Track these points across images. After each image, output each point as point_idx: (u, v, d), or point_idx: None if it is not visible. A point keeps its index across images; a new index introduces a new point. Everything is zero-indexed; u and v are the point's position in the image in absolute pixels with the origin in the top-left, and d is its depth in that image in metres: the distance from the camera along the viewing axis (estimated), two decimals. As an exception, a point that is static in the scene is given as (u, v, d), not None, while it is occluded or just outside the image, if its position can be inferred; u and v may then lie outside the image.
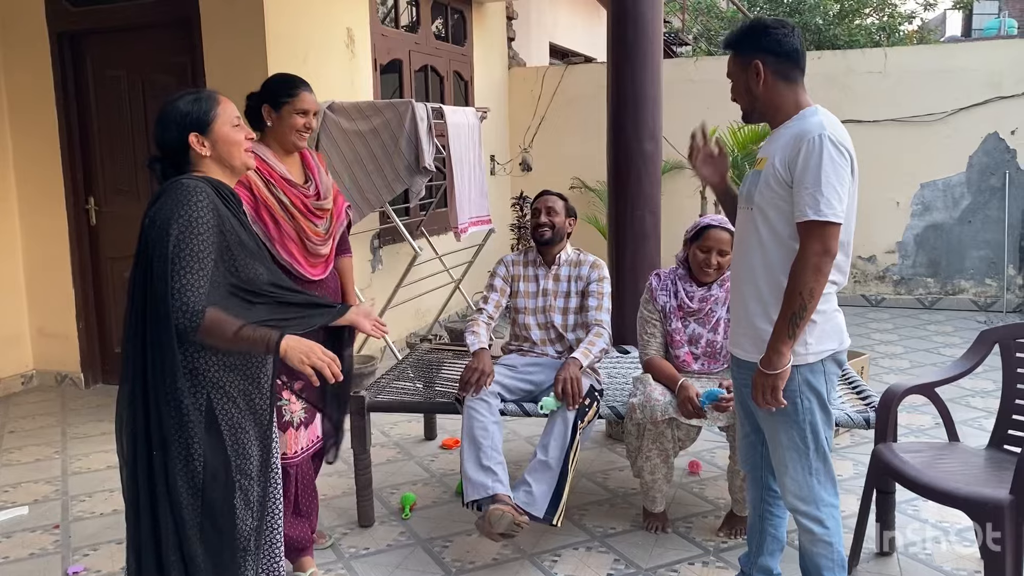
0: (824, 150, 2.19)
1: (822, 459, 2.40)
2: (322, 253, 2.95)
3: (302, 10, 5.06)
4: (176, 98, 2.13)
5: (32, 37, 5.22)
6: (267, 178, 2.82)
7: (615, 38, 4.18)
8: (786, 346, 2.24)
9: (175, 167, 2.12)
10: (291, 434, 2.88)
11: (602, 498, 3.64)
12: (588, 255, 3.52)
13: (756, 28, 2.35)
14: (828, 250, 2.20)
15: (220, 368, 2.05)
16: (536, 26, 9.60)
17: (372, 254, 5.89)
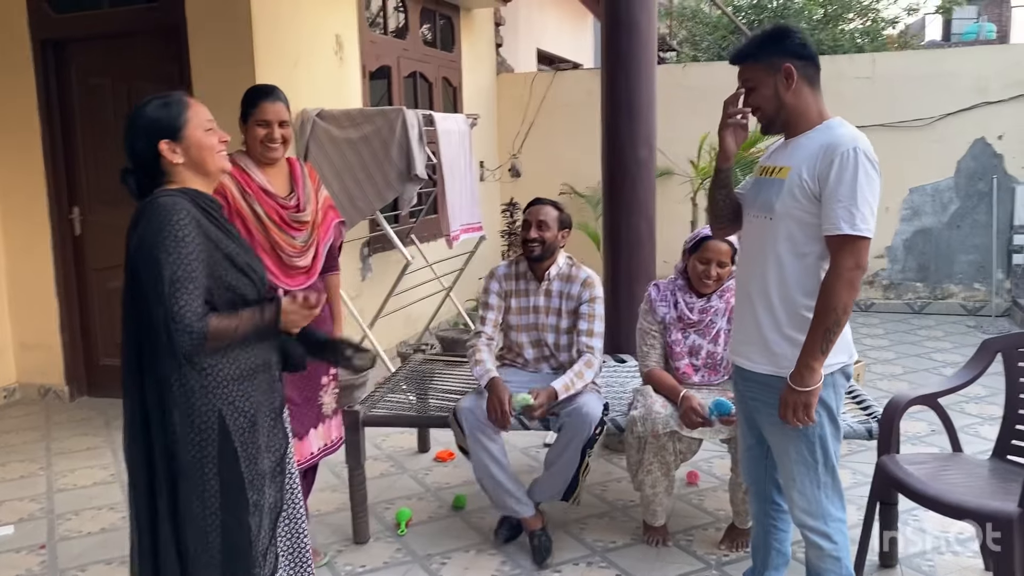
0: (860, 164, 2.15)
1: (831, 473, 2.36)
2: (299, 265, 2.90)
3: (290, 17, 4.99)
4: (144, 104, 2.06)
5: (14, 44, 5.12)
6: (244, 188, 2.80)
7: (609, 44, 4.15)
8: (819, 362, 2.21)
9: (149, 178, 2.04)
10: None
11: (601, 511, 3.59)
12: (581, 270, 3.35)
13: (782, 31, 2.30)
14: (860, 265, 2.17)
15: (230, 381, 2.01)
16: (524, 32, 9.58)
17: (362, 262, 5.83)
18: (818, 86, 2.31)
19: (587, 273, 3.33)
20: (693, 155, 6.99)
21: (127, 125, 2.05)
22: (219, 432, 1.99)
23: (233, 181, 2.79)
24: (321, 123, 5.00)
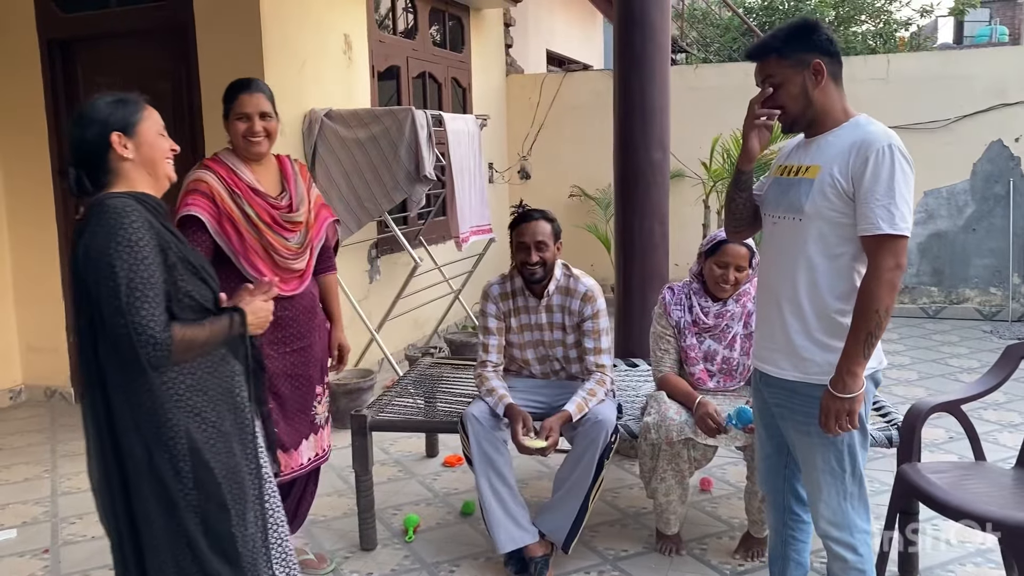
0: (896, 161, 2.08)
1: (858, 483, 2.29)
2: (294, 268, 2.80)
3: (299, 17, 4.94)
4: (99, 98, 1.98)
5: (22, 44, 5.09)
6: (232, 188, 2.69)
7: (622, 45, 4.08)
8: (861, 367, 2.12)
9: (91, 177, 1.94)
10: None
11: (613, 518, 3.52)
12: (580, 281, 3.17)
13: (810, 25, 2.22)
14: (901, 264, 2.10)
15: (193, 392, 1.91)
16: (534, 33, 9.52)
17: (370, 264, 5.77)
18: (842, 83, 2.24)
19: (586, 286, 3.17)
20: (704, 157, 6.92)
21: (76, 116, 1.96)
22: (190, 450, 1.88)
23: (219, 181, 2.67)
24: (329, 123, 4.95)
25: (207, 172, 2.72)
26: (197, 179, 2.70)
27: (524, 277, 3.17)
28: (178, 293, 1.89)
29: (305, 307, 2.88)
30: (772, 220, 2.34)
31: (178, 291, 1.89)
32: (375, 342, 5.22)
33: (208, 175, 2.70)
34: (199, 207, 2.64)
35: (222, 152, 2.79)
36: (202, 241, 2.64)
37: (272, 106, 2.80)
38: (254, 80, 2.80)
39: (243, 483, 2.00)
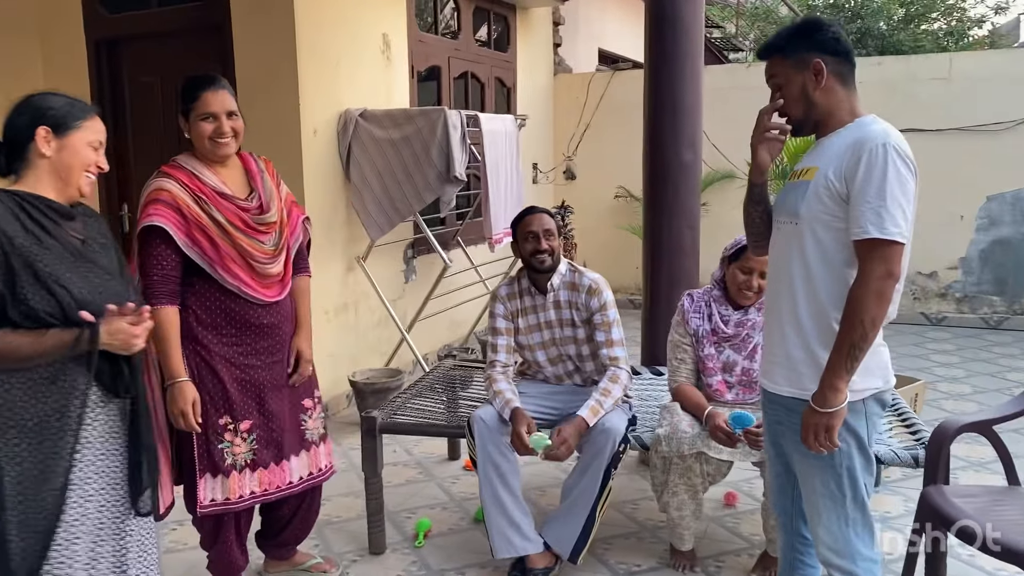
0: (889, 161, 1.95)
1: (860, 509, 2.16)
2: (272, 273, 2.65)
3: (335, 16, 4.95)
4: (48, 93, 1.97)
5: (71, 44, 5.22)
6: (196, 194, 2.51)
7: (653, 42, 3.97)
8: (843, 381, 2.00)
9: (9, 159, 1.96)
10: (234, 478, 2.64)
11: (629, 531, 3.42)
12: (584, 275, 3.12)
13: (812, 25, 2.12)
14: (891, 273, 1.95)
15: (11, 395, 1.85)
16: (584, 32, 9.40)
17: (405, 264, 5.76)
18: (852, 84, 2.12)
19: (590, 279, 3.11)
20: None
21: (22, 99, 1.96)
22: None
23: (183, 189, 2.49)
24: (364, 124, 4.94)
25: (167, 180, 2.51)
26: (157, 188, 2.49)
27: (534, 268, 3.11)
28: (14, 299, 1.84)
29: (288, 314, 2.78)
30: (776, 225, 2.23)
31: (14, 297, 1.84)
32: (406, 342, 5.20)
33: (168, 183, 2.50)
34: (163, 217, 2.44)
35: (180, 157, 2.61)
36: (166, 254, 2.47)
37: (236, 103, 2.62)
38: (216, 76, 2.62)
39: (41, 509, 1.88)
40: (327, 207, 4.92)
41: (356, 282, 5.19)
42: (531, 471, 3.96)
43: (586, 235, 7.93)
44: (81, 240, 2.01)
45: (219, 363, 2.60)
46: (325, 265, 4.90)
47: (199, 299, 2.58)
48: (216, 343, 2.60)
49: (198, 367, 2.58)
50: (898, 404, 3.32)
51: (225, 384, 2.61)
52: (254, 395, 2.67)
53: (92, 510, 2.01)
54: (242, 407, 2.64)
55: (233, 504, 2.65)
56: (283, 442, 2.75)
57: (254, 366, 2.67)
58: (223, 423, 2.62)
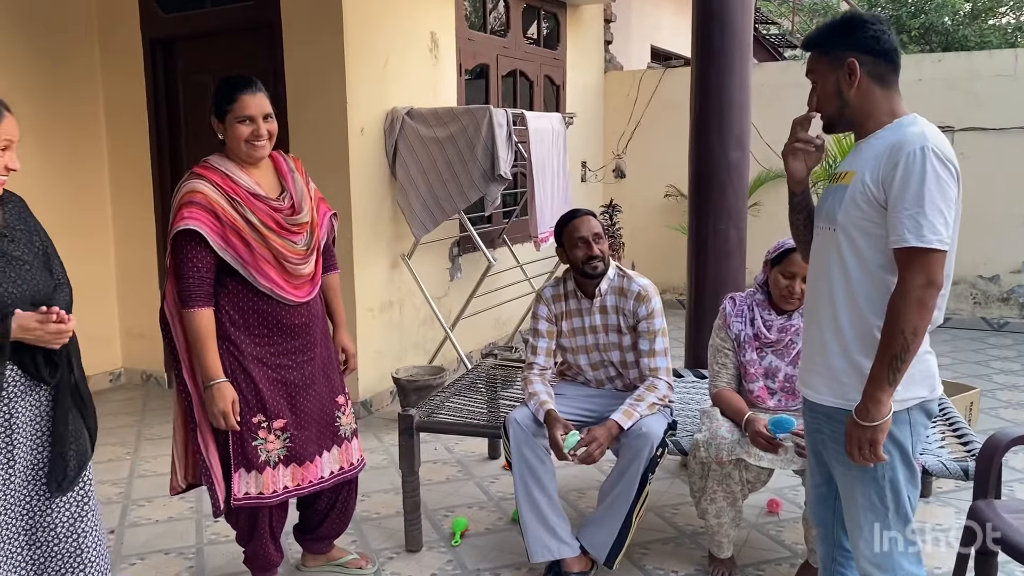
0: (928, 165, 1.88)
1: (903, 522, 2.08)
2: (304, 273, 2.68)
3: (383, 15, 4.97)
4: None
5: (128, 44, 5.34)
6: (230, 195, 2.53)
7: (700, 40, 3.90)
8: (886, 394, 1.93)
9: None
10: (268, 473, 2.67)
11: (667, 536, 3.37)
12: (633, 281, 3.07)
13: (851, 22, 2.04)
14: (933, 281, 1.89)
15: None
16: (637, 29, 9.31)
17: (451, 262, 5.77)
18: (892, 85, 2.04)
19: (640, 285, 3.07)
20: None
21: None
22: None
23: (216, 190, 2.51)
24: (410, 122, 4.96)
25: (201, 181, 2.53)
26: (191, 190, 2.51)
27: (585, 274, 3.06)
28: None
29: (317, 313, 2.79)
30: (816, 231, 2.17)
31: None
32: (449, 340, 5.21)
33: (202, 184, 2.52)
34: (197, 220, 2.47)
35: (212, 158, 2.62)
36: (200, 256, 2.49)
37: (271, 105, 2.64)
38: (252, 78, 2.63)
39: None
40: (373, 205, 4.95)
41: (401, 280, 5.22)
42: (569, 473, 3.94)
43: (635, 234, 7.85)
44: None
45: (251, 363, 2.63)
46: (370, 262, 4.93)
47: (232, 300, 2.61)
48: (248, 343, 2.63)
49: (231, 366, 2.61)
50: (949, 413, 3.21)
51: (257, 383, 2.64)
52: (286, 394, 2.70)
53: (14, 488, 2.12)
54: (275, 406, 2.67)
55: (267, 498, 2.68)
56: (315, 438, 2.78)
57: (285, 366, 2.69)
58: (256, 421, 2.65)
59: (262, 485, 2.66)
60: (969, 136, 6.79)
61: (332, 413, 2.85)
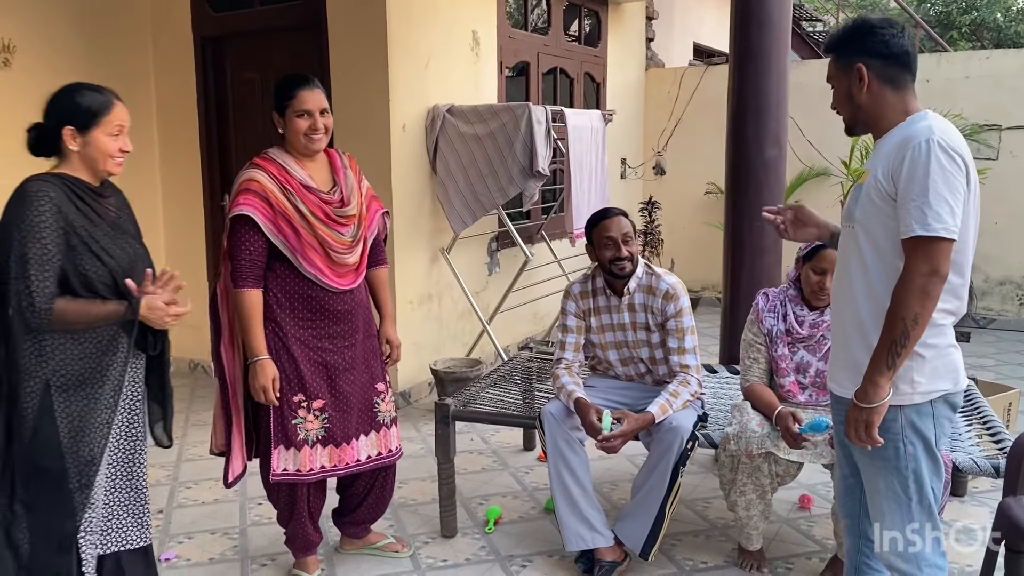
0: (932, 156, 1.92)
1: (927, 513, 2.11)
2: (348, 262, 2.81)
3: (426, 14, 5.07)
4: (75, 88, 2.21)
5: (179, 42, 5.51)
6: (284, 185, 2.69)
7: (738, 38, 3.93)
8: (884, 378, 1.98)
9: (46, 143, 2.22)
10: (307, 452, 2.80)
11: (699, 528, 3.42)
12: (662, 279, 3.08)
13: (859, 28, 2.10)
14: (937, 270, 1.92)
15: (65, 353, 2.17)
16: (680, 26, 9.31)
17: (489, 257, 5.86)
18: (905, 86, 2.08)
19: (668, 283, 3.08)
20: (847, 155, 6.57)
21: (57, 94, 2.22)
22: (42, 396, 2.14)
23: (272, 180, 2.68)
24: (450, 119, 5.05)
25: (258, 171, 2.71)
26: (249, 179, 2.69)
27: (613, 273, 3.10)
28: (76, 271, 2.14)
29: (361, 301, 2.91)
30: (841, 232, 2.22)
31: (76, 269, 2.14)
32: (487, 333, 5.30)
33: (259, 174, 2.70)
34: (252, 207, 2.64)
35: (271, 150, 2.79)
36: (254, 240, 2.66)
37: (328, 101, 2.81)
38: (311, 76, 2.79)
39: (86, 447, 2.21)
40: (413, 199, 5.05)
41: (440, 273, 5.32)
42: (603, 466, 4.00)
43: (674, 232, 7.86)
44: (115, 212, 2.32)
45: (294, 344, 2.76)
46: (410, 256, 5.04)
47: (279, 283, 2.75)
48: (292, 325, 2.76)
49: (275, 346, 2.74)
50: (984, 412, 3.20)
51: (299, 364, 2.76)
52: (326, 376, 2.82)
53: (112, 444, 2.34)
54: (315, 386, 2.79)
55: (304, 475, 2.80)
56: (353, 421, 2.89)
57: (327, 349, 2.81)
58: (297, 400, 2.77)
59: (299, 463, 2.79)
60: (1017, 134, 6.69)
61: (371, 399, 2.95)
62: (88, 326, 2.17)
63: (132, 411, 2.39)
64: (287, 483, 2.84)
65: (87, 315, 2.15)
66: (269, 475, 2.80)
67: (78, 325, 2.15)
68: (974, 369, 5.69)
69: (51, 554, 2.20)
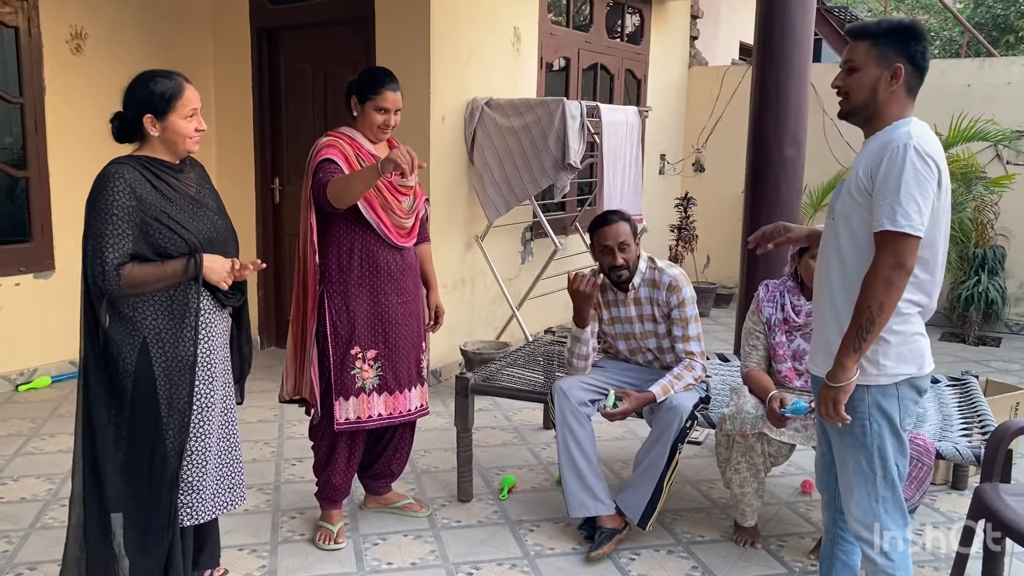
0: (907, 159, 2.09)
1: (890, 488, 2.29)
2: (405, 225, 3.13)
3: (468, 10, 5.30)
4: (148, 77, 2.42)
5: (236, 32, 5.84)
6: (357, 152, 3.04)
7: (761, 42, 4.09)
8: (851, 360, 2.17)
9: (129, 131, 2.44)
10: (363, 399, 3.10)
11: (700, 506, 3.61)
12: (665, 271, 3.26)
13: (912, 32, 2.21)
14: (902, 264, 2.10)
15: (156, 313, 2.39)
16: (726, 24, 9.40)
17: (523, 246, 6.08)
18: (914, 95, 2.24)
19: (670, 276, 3.25)
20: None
21: (132, 84, 2.43)
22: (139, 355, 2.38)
23: (351, 149, 3.04)
24: (488, 111, 5.29)
25: (336, 138, 3.07)
26: (328, 143, 3.05)
27: (612, 282, 3.32)
28: (153, 244, 2.37)
29: (412, 264, 3.23)
30: (826, 221, 2.39)
31: (152, 242, 2.37)
32: (516, 318, 5.53)
33: (337, 140, 3.05)
34: (334, 155, 2.99)
35: (344, 128, 3.13)
36: (337, 172, 2.96)
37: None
38: (394, 75, 3.11)
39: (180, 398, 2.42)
40: (451, 188, 5.31)
41: (474, 260, 5.57)
42: (616, 446, 4.21)
43: (711, 228, 7.98)
44: (196, 188, 2.54)
45: (354, 301, 3.07)
46: (446, 242, 5.29)
47: (340, 246, 3.07)
48: (353, 283, 3.07)
49: (337, 306, 3.07)
50: (979, 408, 3.33)
51: (356, 320, 3.07)
52: (382, 328, 3.12)
53: (218, 399, 2.55)
54: (371, 338, 3.10)
55: (364, 423, 3.12)
56: (404, 372, 3.19)
57: (383, 304, 3.11)
58: (354, 353, 3.08)
59: (359, 410, 3.10)
60: (1057, 141, 6.68)
61: (419, 354, 3.26)
62: (157, 286, 2.37)
63: (227, 371, 2.61)
64: (348, 431, 3.13)
65: (153, 276, 2.35)
66: (328, 426, 3.10)
67: (147, 287, 2.35)
68: (999, 373, 5.75)
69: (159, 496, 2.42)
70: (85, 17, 5.21)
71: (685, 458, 3.86)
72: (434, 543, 3.25)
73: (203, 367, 2.48)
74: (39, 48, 5.02)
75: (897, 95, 2.21)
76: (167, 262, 2.39)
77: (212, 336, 2.52)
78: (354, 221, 3.05)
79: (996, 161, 6.90)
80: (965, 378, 3.71)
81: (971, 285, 6.74)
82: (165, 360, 2.40)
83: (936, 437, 3.06)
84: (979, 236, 6.79)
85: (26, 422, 4.54)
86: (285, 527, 3.38)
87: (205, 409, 2.49)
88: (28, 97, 5.02)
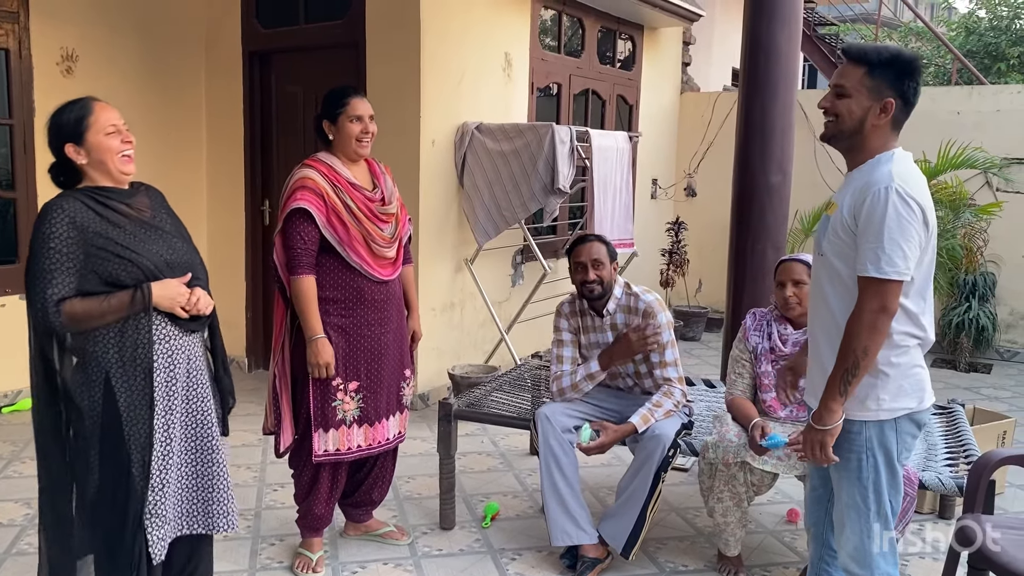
0: (889, 203, 2.07)
1: (884, 524, 2.27)
2: (388, 256, 3.10)
3: (459, 35, 5.33)
4: (56, 110, 2.35)
5: (229, 55, 5.85)
6: (334, 183, 2.98)
7: (747, 68, 4.11)
8: (837, 403, 2.16)
9: (66, 173, 2.36)
10: (343, 431, 3.07)
11: (684, 535, 3.58)
12: (640, 297, 3.25)
13: (909, 66, 2.16)
14: (886, 308, 2.09)
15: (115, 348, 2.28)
16: (718, 50, 9.47)
17: (514, 269, 6.08)
18: (900, 128, 2.22)
19: (645, 302, 3.24)
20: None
21: (46, 125, 2.36)
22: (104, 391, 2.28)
23: (323, 178, 2.96)
24: (479, 136, 5.30)
25: (312, 170, 2.99)
26: (304, 177, 2.97)
27: (584, 296, 3.30)
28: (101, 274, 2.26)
29: (395, 293, 3.20)
30: (814, 257, 2.39)
31: (101, 273, 2.26)
32: (504, 342, 5.51)
33: (313, 172, 2.98)
34: (308, 202, 2.92)
35: (320, 154, 3.07)
36: (309, 231, 2.93)
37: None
38: (357, 87, 3.08)
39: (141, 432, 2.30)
40: (440, 211, 5.30)
41: (464, 283, 5.55)
42: (603, 473, 4.18)
43: (703, 253, 7.99)
44: (150, 212, 2.43)
45: (335, 331, 3.04)
46: (435, 265, 5.28)
47: (324, 275, 3.03)
48: (335, 314, 3.04)
49: None
50: (964, 438, 3.31)
51: (339, 350, 3.04)
52: (364, 359, 3.09)
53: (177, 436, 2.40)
54: (353, 369, 3.07)
55: (343, 454, 3.09)
56: (384, 402, 3.17)
57: (365, 335, 3.09)
58: (336, 384, 3.05)
59: (338, 442, 3.07)
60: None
61: (399, 382, 3.24)
62: (104, 320, 2.25)
63: (193, 399, 2.42)
64: (328, 463, 3.10)
65: (97, 310, 2.23)
66: (310, 456, 3.07)
67: (92, 321, 2.24)
68: (989, 400, 5.74)
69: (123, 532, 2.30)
70: (77, 40, 5.23)
71: (670, 485, 3.83)
72: (414, 572, 3.21)
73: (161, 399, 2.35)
74: (29, 70, 5.04)
75: (882, 128, 2.19)
76: (112, 295, 2.27)
77: (175, 364, 2.39)
78: (337, 257, 3.02)
79: (986, 188, 6.92)
80: (951, 407, 3.69)
81: (962, 312, 6.74)
82: (128, 395, 2.31)
83: (920, 467, 3.04)
84: (969, 263, 6.80)
85: (8, 445, 4.50)
86: (264, 554, 3.34)
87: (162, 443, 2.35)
88: (18, 118, 5.03)
